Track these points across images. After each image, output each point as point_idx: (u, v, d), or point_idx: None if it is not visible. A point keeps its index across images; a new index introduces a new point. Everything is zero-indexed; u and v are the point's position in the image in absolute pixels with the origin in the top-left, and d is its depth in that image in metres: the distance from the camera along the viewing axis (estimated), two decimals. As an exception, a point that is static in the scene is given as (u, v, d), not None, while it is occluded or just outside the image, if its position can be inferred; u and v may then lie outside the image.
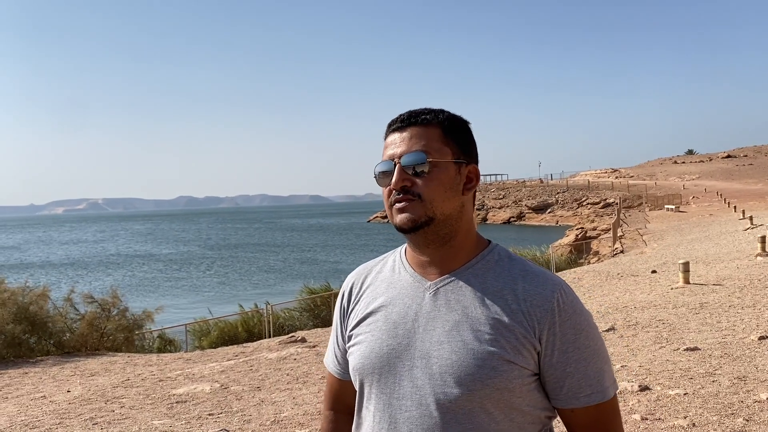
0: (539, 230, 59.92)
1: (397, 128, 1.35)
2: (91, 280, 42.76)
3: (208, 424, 5.46)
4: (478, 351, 1.24)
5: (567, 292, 1.29)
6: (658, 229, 31.08)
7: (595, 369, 1.29)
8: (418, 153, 1.29)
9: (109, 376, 8.64)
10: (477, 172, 1.38)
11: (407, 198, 1.28)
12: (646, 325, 8.32)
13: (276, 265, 49.19)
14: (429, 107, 1.37)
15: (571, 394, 1.28)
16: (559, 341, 1.26)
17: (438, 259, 1.35)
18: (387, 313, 1.35)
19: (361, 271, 1.49)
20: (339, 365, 1.49)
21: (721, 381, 5.44)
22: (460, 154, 1.34)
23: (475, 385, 1.23)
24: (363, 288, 1.44)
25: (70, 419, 5.93)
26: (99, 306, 12.41)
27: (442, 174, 1.30)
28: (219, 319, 14.96)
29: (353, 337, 1.40)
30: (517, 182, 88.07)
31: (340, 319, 1.48)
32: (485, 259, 1.35)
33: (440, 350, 1.26)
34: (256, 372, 7.90)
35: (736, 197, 43.62)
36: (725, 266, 14.30)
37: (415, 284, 1.35)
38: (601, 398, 1.28)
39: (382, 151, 1.37)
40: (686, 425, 4.43)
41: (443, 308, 1.30)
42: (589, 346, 1.29)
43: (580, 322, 1.28)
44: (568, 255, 29.36)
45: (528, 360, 1.25)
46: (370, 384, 1.34)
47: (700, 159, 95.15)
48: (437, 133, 1.33)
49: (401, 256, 1.43)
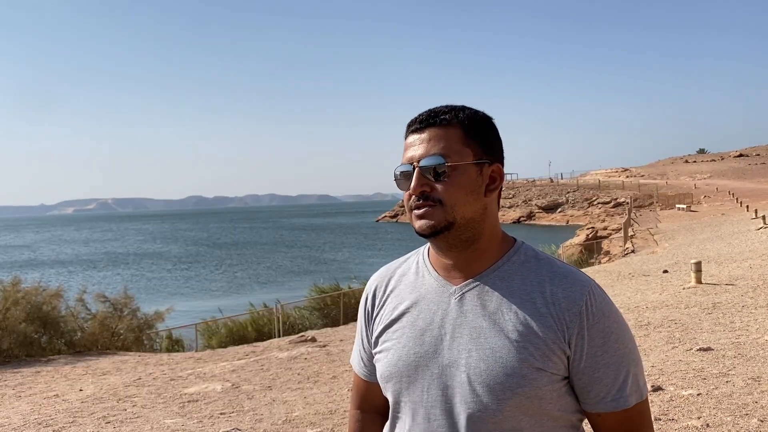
0: (549, 230, 59.74)
1: (415, 129, 1.31)
2: (101, 278, 43.05)
3: (220, 423, 5.48)
4: (507, 359, 1.21)
5: (597, 293, 1.26)
6: (669, 229, 30.91)
7: (624, 373, 1.25)
8: (436, 157, 1.26)
9: (121, 375, 8.68)
10: (501, 172, 1.33)
11: (427, 204, 1.26)
12: (658, 325, 8.27)
13: (285, 264, 49.33)
14: (449, 105, 1.32)
15: (599, 398, 1.25)
16: (588, 346, 1.23)
17: (462, 261, 1.31)
18: (413, 319, 1.32)
19: (384, 273, 1.46)
20: (365, 367, 1.48)
21: (735, 381, 5.39)
22: (482, 154, 1.30)
23: (504, 394, 1.20)
24: (387, 291, 1.41)
25: (83, 418, 5.97)
26: (111, 305, 12.48)
27: (463, 177, 1.27)
28: (229, 318, 15.00)
29: (380, 343, 1.38)
30: (527, 181, 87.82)
31: (364, 322, 1.46)
32: (511, 260, 1.31)
33: (468, 358, 1.24)
34: (267, 371, 7.92)
35: (748, 196, 43.33)
36: (738, 266, 14.20)
37: (440, 289, 1.32)
38: (630, 403, 1.25)
39: (403, 152, 1.33)
40: (700, 426, 4.40)
41: (470, 314, 1.27)
42: (619, 349, 1.25)
43: (609, 325, 1.25)
44: (578, 255, 29.27)
45: (558, 365, 1.23)
46: (399, 392, 1.32)
47: (711, 158, 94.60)
48: (457, 133, 1.28)
49: (424, 258, 1.40)
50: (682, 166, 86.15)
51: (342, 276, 26.40)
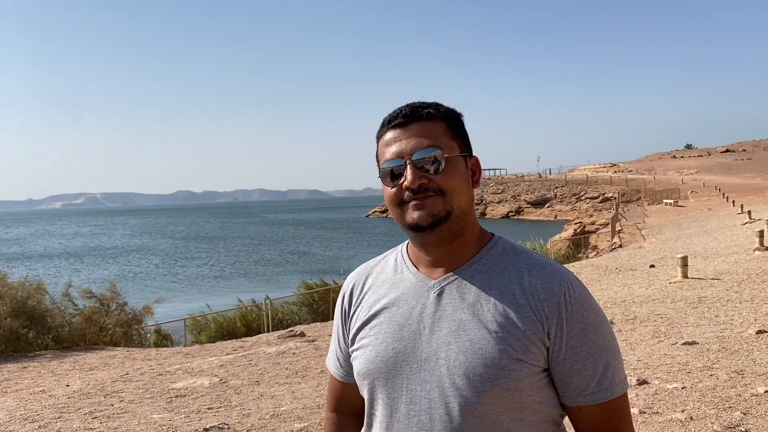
0: (538, 225, 59.94)
1: (399, 124, 1.28)
2: (89, 273, 42.79)
3: (208, 418, 5.47)
4: (486, 351, 1.20)
5: (575, 284, 1.25)
6: (656, 224, 31.11)
7: (603, 365, 1.24)
8: (432, 149, 1.24)
9: (108, 370, 8.65)
10: (479, 164, 1.34)
11: (426, 195, 1.23)
12: (644, 319, 8.33)
13: (274, 259, 49.24)
14: (424, 101, 1.31)
15: (578, 391, 1.23)
16: (567, 336, 1.22)
17: (444, 257, 1.30)
18: (391, 315, 1.30)
19: (362, 271, 1.44)
20: (341, 368, 1.45)
21: (718, 375, 5.45)
22: (464, 148, 1.31)
23: (484, 386, 1.19)
24: (364, 289, 1.39)
25: (70, 413, 5.94)
26: (98, 301, 12.41)
27: (456, 169, 1.26)
28: (218, 313, 14.97)
29: (357, 341, 1.35)
30: (516, 177, 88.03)
31: (341, 321, 1.43)
32: (489, 253, 1.31)
33: (447, 351, 1.22)
34: (255, 366, 7.92)
35: (734, 192, 43.67)
36: (723, 260, 14.33)
37: (419, 284, 1.31)
38: (609, 396, 1.23)
39: (381, 149, 1.31)
40: (684, 419, 4.44)
41: (449, 307, 1.26)
42: (597, 340, 1.24)
43: (588, 316, 1.24)
44: (566, 250, 29.41)
45: (538, 357, 1.21)
46: (377, 389, 1.30)
47: (698, 153, 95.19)
48: (442, 127, 1.28)
49: (403, 254, 1.39)
50: (669, 162, 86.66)
51: (331, 271, 26.39)
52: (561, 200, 70.16)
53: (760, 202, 35.81)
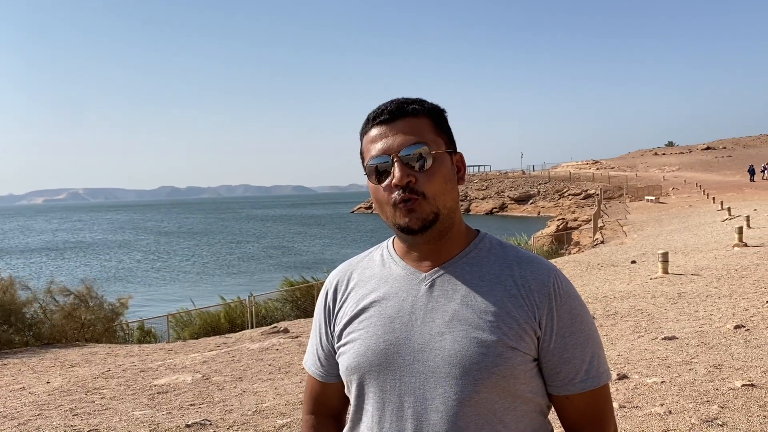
0: (521, 221, 60.22)
1: (384, 120, 1.27)
2: (72, 269, 42.35)
3: (190, 414, 5.45)
4: (481, 339, 1.21)
5: (561, 277, 1.29)
6: (638, 220, 31.37)
7: (590, 354, 1.28)
8: (419, 145, 1.24)
9: (90, 366, 8.58)
10: (464, 160, 1.35)
11: (413, 197, 1.23)
12: (625, 314, 8.42)
13: (257, 255, 49.03)
14: (408, 97, 1.31)
15: (567, 380, 1.26)
16: (557, 326, 1.25)
17: (432, 252, 1.31)
18: (381, 308, 1.30)
19: (345, 268, 1.43)
20: (322, 367, 1.43)
21: (697, 369, 5.53)
22: (449, 144, 1.31)
23: (481, 374, 1.20)
24: (350, 285, 1.38)
25: (50, 410, 5.89)
26: (76, 298, 12.30)
27: (442, 166, 1.26)
28: (201, 309, 14.89)
29: (344, 336, 1.34)
30: (500, 173, 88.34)
31: (324, 319, 1.41)
32: (477, 247, 1.33)
33: (441, 341, 1.23)
34: (238, 362, 7.90)
35: (714, 188, 44.13)
36: (703, 256, 14.49)
37: (409, 277, 1.31)
38: (596, 384, 1.27)
39: (366, 146, 1.30)
40: (663, 413, 4.50)
41: (441, 299, 1.26)
42: (584, 330, 1.28)
43: (575, 306, 1.28)
44: (549, 245, 29.58)
45: (529, 345, 1.24)
46: (367, 383, 1.28)
47: (680, 151, 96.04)
48: (428, 123, 1.28)
49: (389, 249, 1.38)
50: (651, 159, 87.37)
51: (315, 267, 26.33)
52: (544, 197, 70.51)
53: (739, 198, 36.23)
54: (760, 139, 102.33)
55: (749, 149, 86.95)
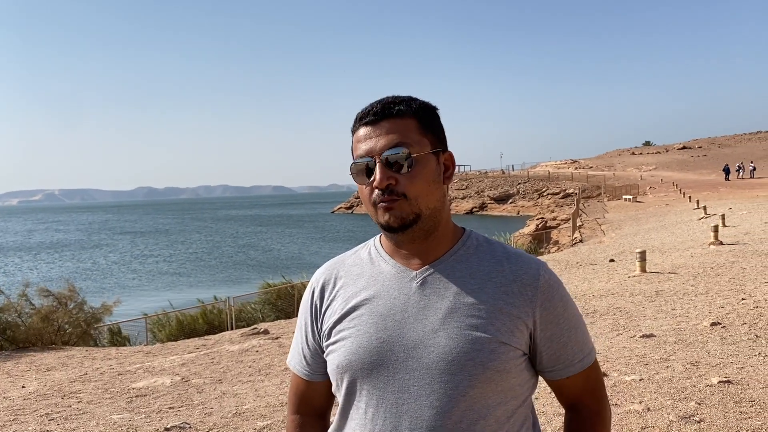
0: (501, 220, 60.52)
1: (370, 121, 1.28)
2: (45, 271, 41.75)
3: (169, 418, 5.40)
4: (475, 335, 1.23)
5: (548, 269, 1.34)
6: (616, 219, 31.69)
7: (582, 335, 1.35)
8: (399, 148, 1.25)
9: (66, 370, 8.45)
10: (453, 159, 1.36)
11: (392, 197, 1.24)
12: (604, 312, 8.49)
13: (235, 256, 48.74)
14: (397, 96, 1.32)
15: (568, 363, 1.33)
16: (552, 315, 1.30)
17: (420, 250, 1.32)
18: (373, 306, 1.30)
19: (332, 266, 1.43)
20: (308, 366, 1.42)
21: (674, 366, 5.59)
22: (437, 143, 1.31)
23: (476, 369, 1.22)
24: (338, 284, 1.38)
25: (25, 415, 5.79)
26: (55, 299, 12.12)
27: (425, 168, 1.27)
28: (180, 311, 14.75)
29: (334, 334, 1.33)
30: (480, 173, 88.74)
31: (311, 317, 1.41)
32: (465, 245, 1.35)
33: (435, 338, 1.24)
34: (218, 364, 7.83)
35: (691, 187, 44.71)
36: (680, 255, 14.67)
37: (400, 275, 1.32)
38: (591, 361, 1.36)
39: (353, 146, 1.31)
40: (641, 410, 4.54)
41: (433, 296, 1.27)
42: (574, 314, 1.35)
43: (564, 294, 1.34)
44: (529, 244, 29.77)
45: (520, 340, 1.26)
46: (359, 380, 1.28)
47: (656, 150, 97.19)
48: (414, 123, 1.29)
49: (377, 247, 1.39)
50: (628, 158, 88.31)
51: (295, 267, 26.20)
52: (523, 196, 70.94)
53: (714, 197, 36.75)
54: (735, 138, 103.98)
55: (724, 149, 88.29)
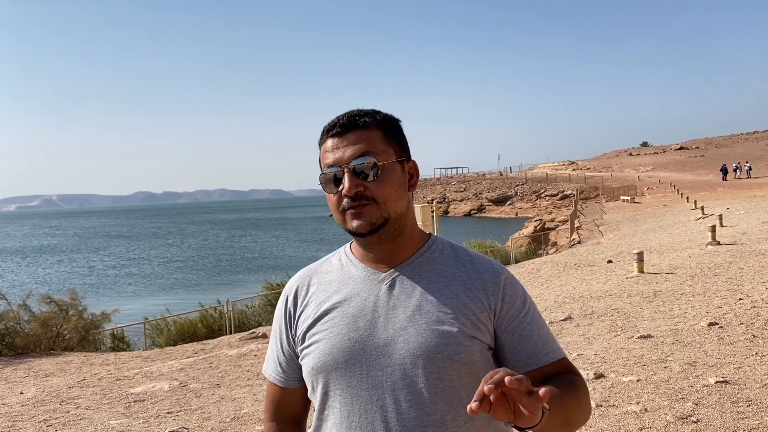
0: (499, 222, 60.56)
1: (337, 133, 1.35)
2: (44, 276, 41.66)
3: (167, 423, 5.40)
4: (443, 330, 1.29)
5: (506, 270, 1.42)
6: (614, 220, 31.72)
7: (545, 333, 1.39)
8: (367, 157, 1.32)
9: (65, 376, 8.45)
10: (417, 168, 1.42)
11: (361, 203, 1.31)
12: (601, 314, 8.49)
13: (233, 260, 48.69)
14: (363, 109, 1.39)
15: (531, 354, 1.35)
16: (513, 309, 1.36)
17: (388, 254, 1.38)
18: (344, 309, 1.36)
19: (304, 273, 1.49)
20: (283, 372, 1.47)
21: (672, 367, 5.60)
22: (401, 152, 1.39)
23: (444, 362, 1.28)
24: (310, 290, 1.44)
25: (23, 422, 5.79)
26: (56, 306, 12.11)
27: (391, 175, 1.34)
28: (178, 316, 14.74)
29: (308, 338, 1.38)
30: (478, 175, 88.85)
31: (285, 324, 1.46)
32: (431, 249, 1.43)
33: (405, 335, 1.30)
34: (216, 369, 7.83)
35: (688, 188, 44.77)
36: (678, 255, 14.68)
37: (369, 278, 1.38)
38: (559, 355, 1.38)
39: (321, 156, 1.38)
40: (639, 410, 4.55)
41: (402, 296, 1.34)
42: (535, 312, 1.40)
43: (524, 293, 1.41)
44: (527, 246, 29.78)
45: (485, 334, 1.33)
46: (333, 380, 1.33)
47: (654, 151, 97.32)
48: (379, 134, 1.35)
49: (347, 253, 1.45)
50: (626, 159, 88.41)
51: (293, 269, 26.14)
52: (521, 198, 70.98)
53: (712, 198, 36.80)
54: (732, 138, 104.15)
55: (722, 149, 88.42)
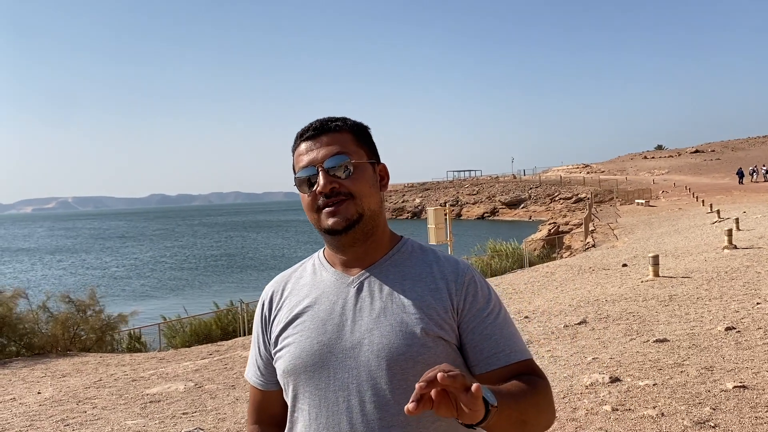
0: (513, 225, 60.36)
1: (310, 136, 1.41)
2: (59, 277, 42.05)
3: (182, 423, 5.43)
4: (407, 331, 1.31)
5: (474, 270, 1.43)
6: (628, 223, 31.52)
7: (509, 332, 1.38)
8: (340, 156, 1.37)
9: (81, 376, 8.53)
10: (387, 170, 1.48)
11: (339, 199, 1.35)
12: (617, 317, 8.45)
13: (247, 261, 48.89)
14: (333, 116, 1.44)
15: (491, 354, 1.34)
16: (475, 308, 1.37)
17: (359, 256, 1.42)
18: (313, 313, 1.40)
19: (280, 280, 1.53)
20: (262, 376, 1.51)
21: (689, 371, 5.55)
22: (371, 155, 1.44)
23: (407, 363, 1.30)
24: (284, 295, 1.48)
25: (41, 421, 5.85)
26: (74, 306, 12.22)
27: (365, 173, 1.39)
28: (193, 317, 14.82)
29: (280, 342, 1.42)
30: (491, 178, 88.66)
31: (261, 328, 1.50)
32: (401, 251, 1.46)
33: (371, 337, 1.33)
34: (231, 370, 7.87)
35: (704, 191, 44.40)
36: (693, 259, 14.57)
37: (338, 281, 1.42)
38: (522, 357, 1.36)
39: (295, 160, 1.43)
40: (655, 415, 4.52)
41: (368, 299, 1.37)
42: (501, 313, 1.40)
43: (489, 293, 1.41)
44: (541, 250, 29.66)
45: (450, 333, 1.34)
46: (302, 383, 1.37)
47: (669, 154, 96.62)
48: (350, 137, 1.41)
49: (320, 258, 1.50)
50: (640, 162, 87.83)
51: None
52: (535, 201, 70.73)
53: (728, 201, 36.48)
54: (749, 141, 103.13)
55: (738, 152, 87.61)
